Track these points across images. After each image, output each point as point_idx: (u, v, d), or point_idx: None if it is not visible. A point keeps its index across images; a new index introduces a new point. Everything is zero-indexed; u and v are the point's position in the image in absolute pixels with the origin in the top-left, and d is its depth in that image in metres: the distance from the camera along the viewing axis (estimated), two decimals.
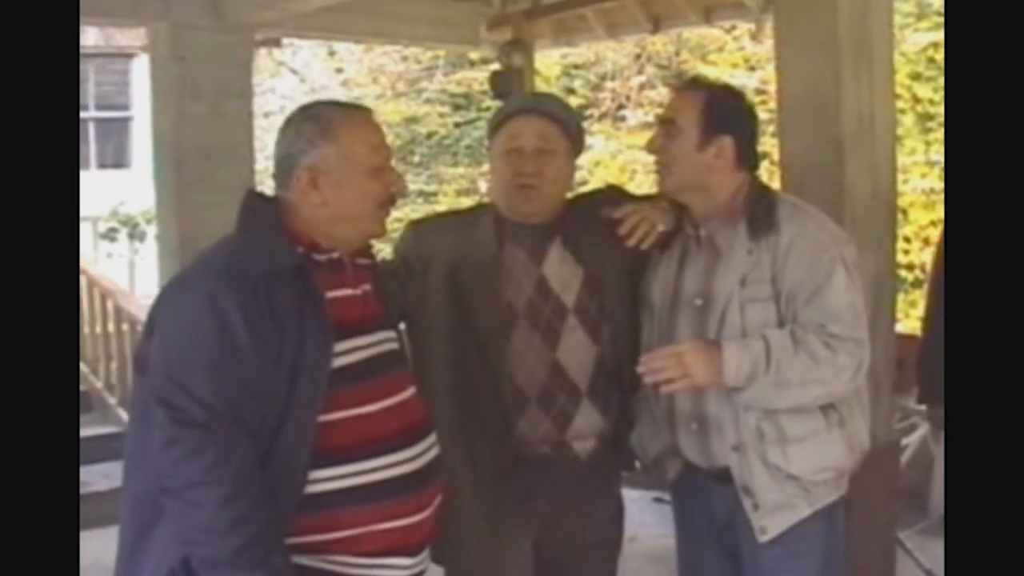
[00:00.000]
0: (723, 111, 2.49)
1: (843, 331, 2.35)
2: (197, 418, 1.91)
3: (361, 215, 2.15)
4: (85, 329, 7.55)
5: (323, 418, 2.01)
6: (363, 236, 2.22)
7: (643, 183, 9.69)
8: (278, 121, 2.24)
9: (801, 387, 2.35)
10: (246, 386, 1.94)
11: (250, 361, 1.94)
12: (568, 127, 2.61)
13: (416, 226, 2.72)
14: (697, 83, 2.68)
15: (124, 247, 12.57)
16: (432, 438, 2.22)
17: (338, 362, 2.04)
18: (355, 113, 2.20)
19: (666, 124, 2.52)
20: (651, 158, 2.60)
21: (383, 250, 2.70)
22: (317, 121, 2.12)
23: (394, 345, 2.26)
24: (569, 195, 2.74)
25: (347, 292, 2.15)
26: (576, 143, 2.65)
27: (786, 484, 2.41)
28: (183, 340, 1.98)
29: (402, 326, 2.49)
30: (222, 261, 2.05)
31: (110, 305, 7.38)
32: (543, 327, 2.54)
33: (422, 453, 2.16)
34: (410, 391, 2.21)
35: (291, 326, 1.98)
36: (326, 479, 2.02)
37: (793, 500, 2.42)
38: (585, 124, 11.19)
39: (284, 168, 2.13)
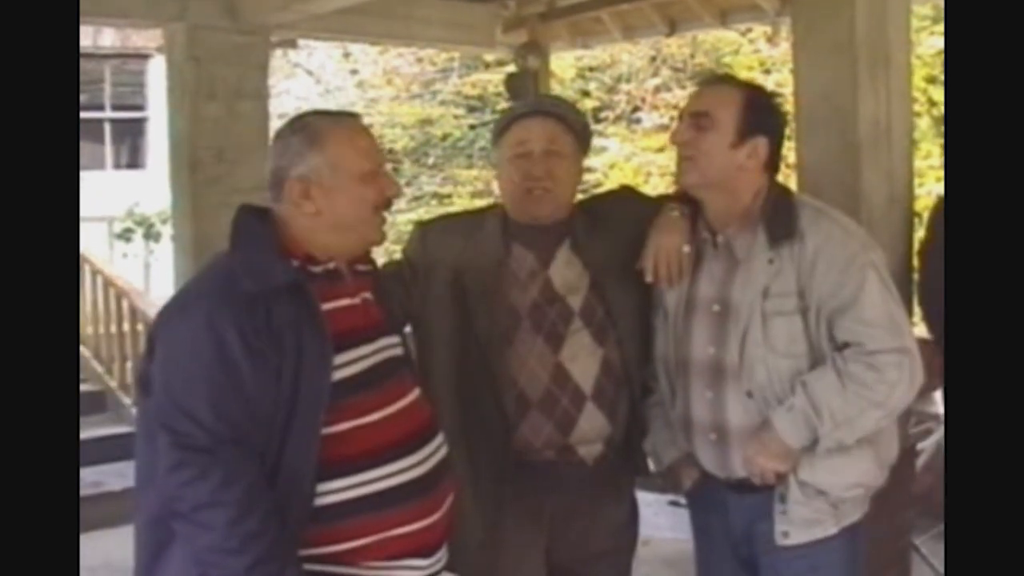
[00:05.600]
0: (762, 111, 2.44)
1: (883, 344, 2.29)
2: (201, 443, 1.92)
3: (357, 221, 2.14)
4: (100, 329, 7.59)
5: (330, 430, 2.01)
6: (361, 243, 2.21)
7: (658, 185, 9.66)
8: None
9: (861, 416, 2.31)
10: (248, 407, 1.95)
11: (250, 382, 1.94)
12: (573, 126, 2.60)
13: (423, 229, 2.72)
14: (731, 79, 2.64)
15: (139, 247, 12.63)
16: (439, 438, 2.22)
17: (341, 374, 2.04)
18: (342, 120, 2.19)
19: (699, 117, 2.42)
20: (667, 160, 2.57)
21: (394, 251, 2.70)
22: (304, 131, 2.11)
23: (397, 351, 2.25)
24: (581, 197, 2.74)
25: (346, 302, 2.14)
26: (582, 142, 2.63)
27: (816, 500, 2.37)
28: (183, 365, 1.98)
29: (407, 329, 2.48)
30: (217, 281, 2.05)
31: (125, 305, 7.41)
32: (547, 330, 2.53)
33: (430, 456, 2.16)
34: (414, 394, 2.21)
35: (289, 342, 1.98)
36: (336, 490, 2.02)
37: (821, 516, 2.39)
38: (600, 126, 11.18)
39: (276, 181, 2.12)
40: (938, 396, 3.35)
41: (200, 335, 1.95)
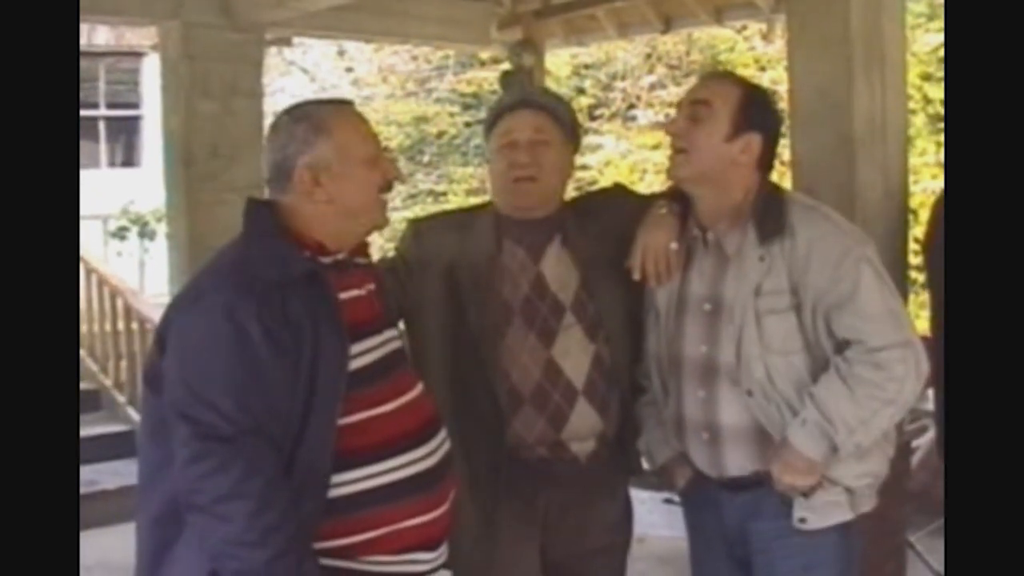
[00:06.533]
0: (759, 107, 2.44)
1: (884, 340, 2.28)
2: (223, 433, 1.91)
3: (366, 205, 2.15)
4: (95, 327, 7.57)
5: (343, 421, 2.01)
6: (368, 227, 2.22)
7: (653, 183, 9.67)
8: None
9: (875, 417, 2.30)
10: (268, 397, 1.94)
11: (271, 372, 1.94)
12: (560, 117, 2.60)
13: (416, 226, 2.73)
14: (733, 75, 2.65)
15: (134, 246, 12.58)
16: (443, 433, 2.23)
17: (354, 364, 2.04)
18: (342, 107, 2.21)
19: (698, 105, 2.42)
20: (662, 158, 2.56)
21: (389, 249, 2.70)
22: (308, 120, 2.11)
23: (399, 343, 2.26)
24: (574, 194, 2.73)
25: (356, 293, 2.16)
26: (570, 135, 2.63)
27: (832, 488, 2.37)
28: (202, 355, 1.96)
29: (400, 324, 2.48)
30: (231, 272, 2.03)
31: (120, 304, 7.40)
32: (539, 325, 2.53)
33: (436, 448, 2.17)
34: (419, 388, 2.22)
35: (306, 333, 1.97)
36: (349, 482, 2.03)
37: (839, 500, 2.38)
38: (595, 124, 11.16)
39: (282, 172, 2.11)
40: (931, 394, 3.35)
41: (219, 325, 1.94)
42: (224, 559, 1.93)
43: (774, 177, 2.53)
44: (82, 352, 7.64)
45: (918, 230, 3.48)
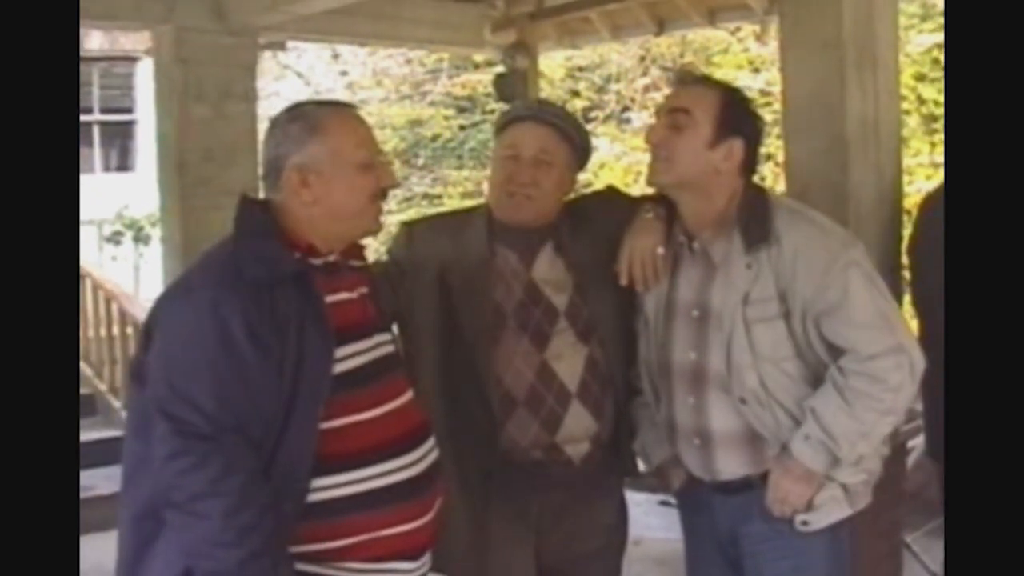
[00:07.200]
0: (739, 112, 2.43)
1: (876, 348, 2.27)
2: (202, 430, 1.90)
3: (353, 211, 2.13)
4: (90, 332, 7.57)
5: (325, 425, 2.00)
6: (358, 232, 2.21)
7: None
8: None
9: (875, 428, 2.32)
10: (250, 396, 1.93)
11: (254, 371, 1.93)
12: (570, 137, 2.59)
13: (409, 228, 2.72)
14: (709, 79, 2.63)
15: (129, 250, 12.59)
16: (432, 441, 2.21)
17: (339, 368, 2.03)
18: (340, 110, 2.19)
19: (678, 113, 2.40)
20: None
21: (379, 250, 2.70)
22: (304, 120, 2.10)
23: (391, 348, 2.25)
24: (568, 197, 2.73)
25: (345, 296, 2.14)
26: (579, 154, 2.63)
27: (829, 484, 2.37)
28: (185, 351, 1.96)
29: (394, 328, 2.47)
30: (220, 269, 2.02)
31: (114, 308, 7.40)
32: (532, 329, 2.53)
33: (423, 457, 2.16)
34: (409, 394, 2.21)
35: (292, 333, 1.97)
36: (330, 487, 2.01)
37: (836, 495, 2.39)
38: (590, 126, 11.11)
39: (273, 170, 2.11)
40: None
41: (204, 322, 1.94)
42: (199, 558, 1.93)
43: (768, 179, 2.54)
44: None
45: (911, 230, 3.48)
